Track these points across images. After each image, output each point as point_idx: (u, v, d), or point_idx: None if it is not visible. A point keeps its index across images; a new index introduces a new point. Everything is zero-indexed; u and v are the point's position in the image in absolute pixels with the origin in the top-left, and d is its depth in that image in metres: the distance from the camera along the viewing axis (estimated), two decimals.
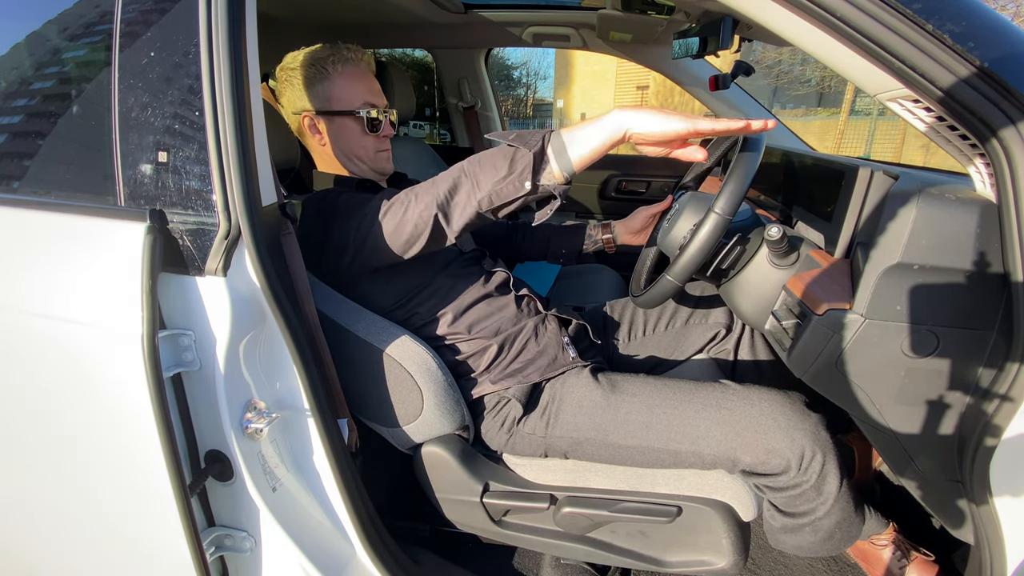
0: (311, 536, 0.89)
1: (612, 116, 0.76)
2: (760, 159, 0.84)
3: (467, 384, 1.05)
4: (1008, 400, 0.68)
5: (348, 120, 1.11)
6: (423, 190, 0.87)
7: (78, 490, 0.90)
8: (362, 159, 1.15)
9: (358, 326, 0.97)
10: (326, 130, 1.13)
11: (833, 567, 1.22)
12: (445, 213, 0.85)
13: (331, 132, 1.13)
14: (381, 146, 1.16)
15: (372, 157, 1.15)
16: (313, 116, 1.12)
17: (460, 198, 0.84)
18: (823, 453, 0.88)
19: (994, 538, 0.76)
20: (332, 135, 1.13)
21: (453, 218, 0.85)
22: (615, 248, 1.34)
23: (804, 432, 0.88)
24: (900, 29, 0.63)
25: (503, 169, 0.79)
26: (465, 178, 0.83)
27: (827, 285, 0.79)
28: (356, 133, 1.12)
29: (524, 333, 1.08)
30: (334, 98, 1.11)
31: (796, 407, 0.91)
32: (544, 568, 1.22)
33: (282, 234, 0.85)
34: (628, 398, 0.98)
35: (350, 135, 1.13)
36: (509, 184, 0.79)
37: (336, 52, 1.10)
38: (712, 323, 1.23)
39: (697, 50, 1.35)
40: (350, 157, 1.15)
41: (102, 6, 0.82)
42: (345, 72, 1.10)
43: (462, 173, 0.84)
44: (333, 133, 1.13)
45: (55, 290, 0.81)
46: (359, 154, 1.14)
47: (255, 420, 0.81)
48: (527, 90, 25.96)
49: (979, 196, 0.70)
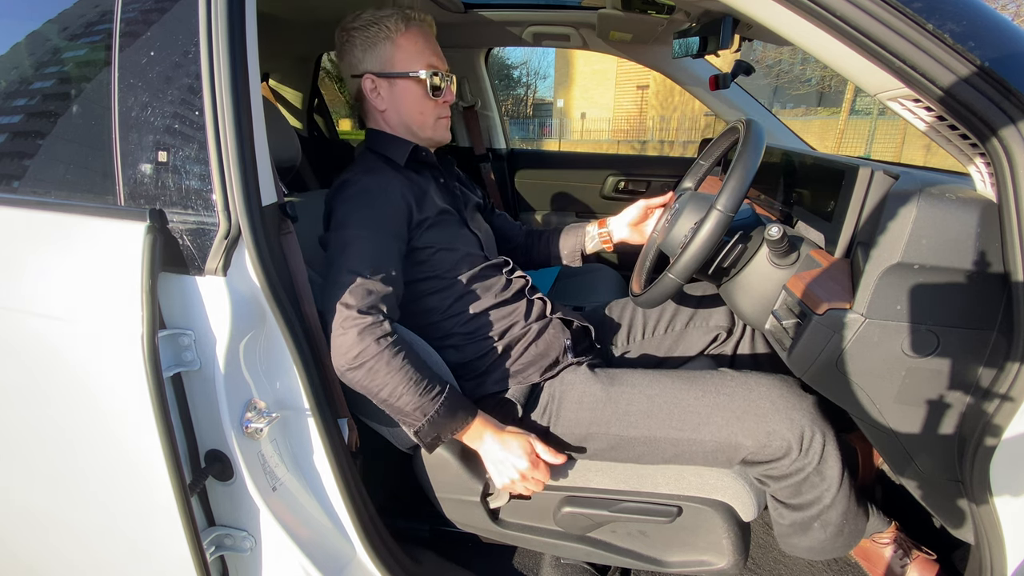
0: (311, 536, 0.89)
1: (480, 447, 0.96)
2: (761, 157, 0.84)
3: (469, 386, 1.05)
4: (1008, 400, 0.68)
5: (410, 83, 1.06)
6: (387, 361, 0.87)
7: (78, 490, 0.90)
8: (421, 126, 1.10)
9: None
10: (387, 94, 1.08)
11: (833, 566, 1.22)
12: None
13: (391, 96, 1.08)
14: (442, 112, 1.11)
15: (432, 124, 1.11)
16: (375, 78, 1.06)
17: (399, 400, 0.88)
18: (822, 433, 0.89)
19: (994, 538, 0.76)
20: (392, 99, 1.08)
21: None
22: (613, 246, 1.30)
23: (803, 412, 0.89)
24: (900, 28, 0.63)
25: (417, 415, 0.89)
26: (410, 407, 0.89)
27: (827, 285, 0.79)
28: (418, 97, 1.07)
29: (528, 336, 1.08)
30: (396, 60, 1.05)
31: (793, 390, 0.93)
32: (544, 568, 1.22)
33: (282, 234, 0.85)
34: (628, 389, 0.99)
35: (412, 99, 1.08)
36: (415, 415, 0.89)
37: (399, 12, 1.06)
38: (712, 326, 1.22)
39: (697, 50, 1.34)
40: (409, 124, 1.10)
41: (102, 6, 0.82)
42: (408, 33, 1.05)
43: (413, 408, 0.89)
44: (393, 97, 1.08)
45: (55, 290, 0.81)
46: (418, 120, 1.09)
47: (255, 420, 0.81)
48: (527, 90, 25.99)
49: (979, 196, 0.70)
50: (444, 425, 0.90)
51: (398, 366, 0.86)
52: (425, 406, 0.88)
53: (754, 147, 0.84)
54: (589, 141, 20.35)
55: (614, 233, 1.28)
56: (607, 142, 19.22)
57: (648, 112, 19.63)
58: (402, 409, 0.88)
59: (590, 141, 20.30)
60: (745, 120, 0.92)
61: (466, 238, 1.10)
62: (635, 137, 19.24)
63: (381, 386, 0.86)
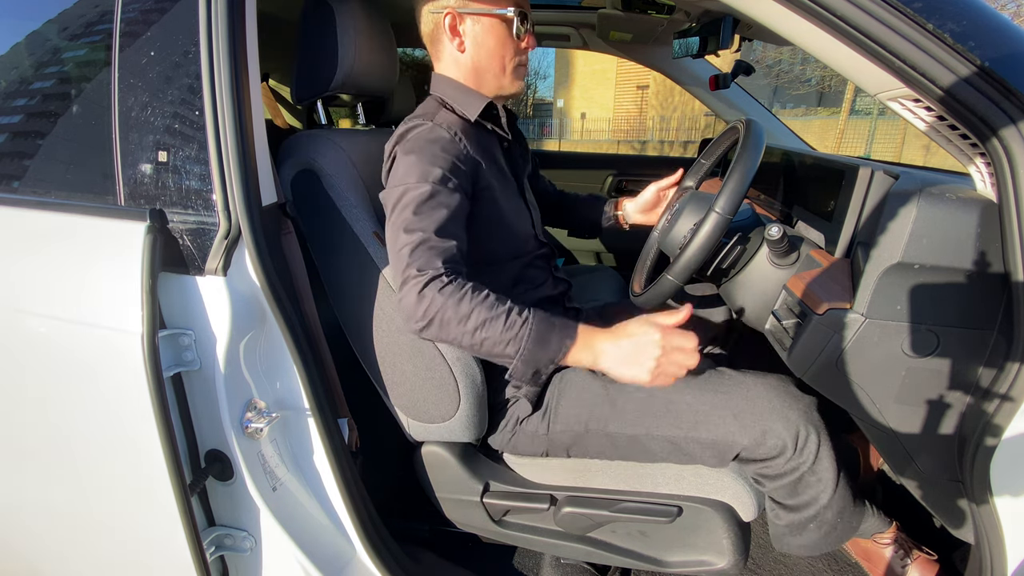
0: (311, 536, 0.89)
1: (597, 363, 0.82)
2: (760, 158, 0.84)
3: (491, 389, 1.04)
4: (1008, 400, 0.68)
5: (496, 21, 0.99)
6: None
7: (79, 490, 0.90)
8: (499, 71, 1.03)
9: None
10: (468, 31, 1.00)
11: (834, 566, 1.22)
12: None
13: (473, 34, 1.00)
14: (522, 58, 1.05)
15: (511, 70, 1.04)
16: (456, 14, 0.99)
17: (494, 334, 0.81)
18: (817, 433, 0.89)
19: (994, 538, 0.76)
20: (473, 38, 1.00)
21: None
22: (628, 226, 1.32)
23: (798, 412, 0.89)
24: (900, 28, 0.63)
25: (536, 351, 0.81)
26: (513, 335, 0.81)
27: (827, 285, 0.79)
28: (501, 37, 1.00)
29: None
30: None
31: (789, 389, 0.93)
32: (544, 568, 1.22)
33: (282, 234, 0.85)
34: (626, 387, 0.98)
35: (494, 39, 1.00)
36: (525, 353, 0.81)
37: None
38: (712, 324, 1.23)
39: (697, 50, 1.35)
40: (487, 68, 1.03)
41: (102, 6, 0.83)
42: None
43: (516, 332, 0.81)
44: (475, 36, 1.00)
45: (55, 290, 0.81)
46: (498, 65, 1.02)
47: (255, 420, 0.81)
48: (527, 89, 25.99)
49: (979, 196, 0.70)
50: (538, 357, 0.81)
51: (467, 312, 0.79)
52: (511, 343, 0.80)
53: (753, 148, 0.84)
54: (589, 141, 20.34)
55: (628, 217, 1.29)
56: (607, 142, 19.21)
57: (648, 112, 19.63)
58: (492, 353, 0.81)
59: (590, 141, 20.29)
60: (745, 120, 0.92)
61: (521, 213, 1.07)
62: (635, 137, 19.23)
63: (459, 336, 0.80)
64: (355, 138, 1.08)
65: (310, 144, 1.00)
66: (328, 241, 0.96)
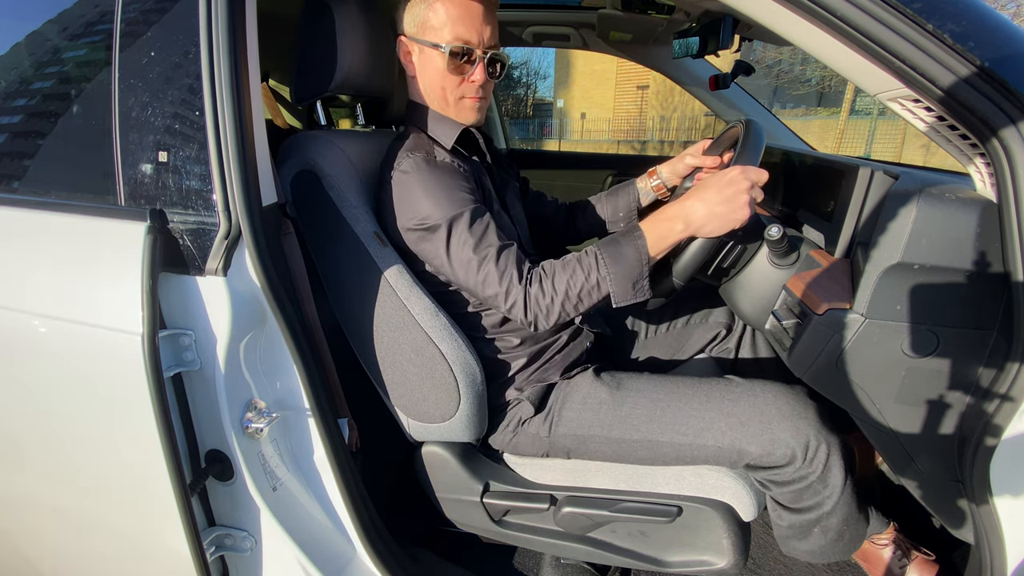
0: (311, 536, 0.89)
1: (690, 223, 0.86)
2: (760, 158, 0.84)
3: (492, 391, 1.04)
4: (1008, 400, 0.68)
5: (434, 53, 0.99)
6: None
7: (79, 490, 0.90)
8: (441, 101, 1.04)
9: (416, 308, 0.94)
10: (416, 60, 1.03)
11: (833, 567, 1.22)
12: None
13: (419, 63, 1.03)
14: (467, 92, 1.02)
15: (454, 103, 1.03)
16: (407, 40, 1.02)
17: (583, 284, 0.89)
18: (827, 443, 0.88)
19: (994, 538, 0.76)
20: (420, 67, 1.03)
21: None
22: (668, 193, 1.24)
23: (808, 422, 0.88)
24: (900, 29, 0.63)
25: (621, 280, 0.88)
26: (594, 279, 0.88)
27: (827, 285, 0.80)
28: (440, 70, 1.00)
29: (556, 344, 1.07)
30: (427, 26, 0.99)
31: (800, 398, 0.92)
32: (544, 568, 1.22)
33: (282, 234, 0.85)
34: (633, 394, 0.99)
35: (433, 70, 1.01)
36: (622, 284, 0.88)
37: None
38: (713, 323, 1.23)
39: (697, 50, 1.34)
40: (432, 96, 1.04)
41: (102, 6, 0.83)
42: (451, 0, 0.97)
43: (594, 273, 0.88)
44: (420, 65, 1.03)
45: (55, 290, 0.81)
46: (438, 95, 1.03)
47: (255, 420, 0.81)
48: (527, 90, 25.99)
49: (979, 196, 0.70)
50: (626, 272, 0.87)
51: (561, 289, 0.88)
52: (599, 284, 0.88)
53: (753, 148, 0.84)
54: (589, 141, 20.35)
55: (667, 181, 1.22)
56: (607, 142, 19.22)
57: (648, 112, 19.64)
58: (596, 302, 0.89)
59: (590, 141, 20.31)
60: (745, 120, 0.92)
61: (506, 229, 1.06)
62: (635, 137, 19.24)
63: (568, 311, 0.89)
64: (355, 139, 1.08)
65: (310, 144, 1.00)
66: (328, 241, 0.96)
